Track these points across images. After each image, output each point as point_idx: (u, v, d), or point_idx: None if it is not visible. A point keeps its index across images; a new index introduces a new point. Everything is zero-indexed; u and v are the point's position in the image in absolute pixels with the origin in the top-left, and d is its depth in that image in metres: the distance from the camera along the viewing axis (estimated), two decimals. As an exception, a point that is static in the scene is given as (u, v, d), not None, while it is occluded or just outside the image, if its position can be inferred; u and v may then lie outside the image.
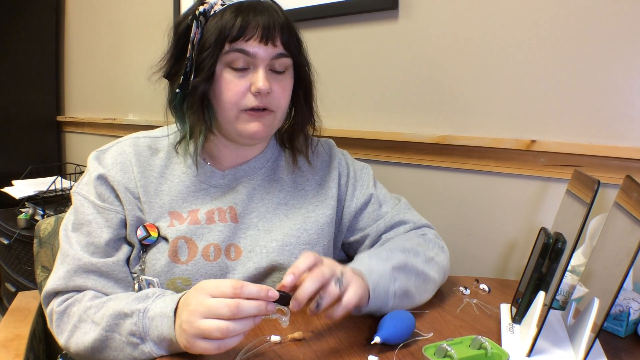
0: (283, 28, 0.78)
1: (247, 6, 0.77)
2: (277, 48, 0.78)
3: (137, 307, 0.68)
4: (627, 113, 0.96)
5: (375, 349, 0.68)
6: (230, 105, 0.78)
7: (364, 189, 0.94)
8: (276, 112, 0.81)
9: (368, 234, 0.93)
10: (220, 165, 0.88)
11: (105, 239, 0.78)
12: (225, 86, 0.78)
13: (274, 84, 0.79)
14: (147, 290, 0.73)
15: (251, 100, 0.78)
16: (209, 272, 0.80)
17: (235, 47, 0.76)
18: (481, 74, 1.14)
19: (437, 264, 0.85)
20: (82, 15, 2.62)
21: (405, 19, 1.26)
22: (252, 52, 0.76)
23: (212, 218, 0.83)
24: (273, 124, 0.83)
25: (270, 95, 0.78)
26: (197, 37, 0.77)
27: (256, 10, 0.76)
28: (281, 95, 0.80)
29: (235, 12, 0.76)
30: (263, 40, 0.76)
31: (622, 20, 0.95)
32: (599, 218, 0.90)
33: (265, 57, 0.77)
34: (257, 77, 0.77)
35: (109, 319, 0.69)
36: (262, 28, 0.75)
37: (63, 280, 0.77)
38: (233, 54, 0.76)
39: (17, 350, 0.87)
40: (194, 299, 0.61)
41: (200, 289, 0.62)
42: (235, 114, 0.79)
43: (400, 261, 0.78)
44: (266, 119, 0.80)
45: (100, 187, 0.81)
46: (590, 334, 0.64)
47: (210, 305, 0.59)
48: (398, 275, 0.76)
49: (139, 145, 0.86)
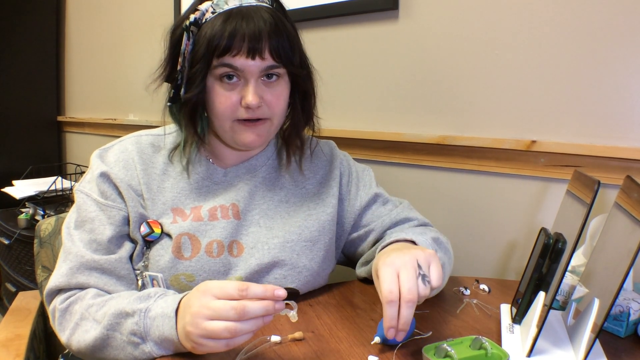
0: (271, 35, 0.75)
1: (236, 14, 0.74)
2: (266, 60, 0.76)
3: (138, 306, 0.68)
4: (627, 113, 0.96)
5: (376, 349, 0.69)
6: (223, 118, 0.79)
7: (367, 189, 0.95)
8: (272, 119, 0.81)
9: (372, 229, 0.93)
10: (222, 163, 0.88)
11: (108, 236, 0.79)
12: (217, 99, 0.78)
13: (267, 93, 0.78)
14: (149, 290, 0.73)
15: (243, 113, 0.78)
16: (212, 269, 0.80)
17: (223, 62, 0.75)
18: (481, 74, 1.14)
19: (449, 251, 0.90)
20: (82, 15, 2.62)
21: (405, 19, 1.26)
22: (240, 67, 0.75)
23: (214, 215, 0.83)
24: (269, 132, 0.82)
25: (262, 106, 0.78)
26: (189, 49, 0.77)
27: (243, 19, 0.74)
28: (275, 104, 0.80)
29: (223, 23, 0.74)
30: (250, 54, 0.74)
31: (622, 20, 0.95)
32: (599, 218, 0.90)
33: (255, 71, 0.76)
34: (247, 91, 0.76)
35: (110, 318, 0.69)
36: (248, 40, 0.73)
37: (66, 278, 0.77)
38: (222, 68, 0.75)
39: (18, 350, 0.87)
40: (197, 301, 0.61)
41: (203, 291, 0.62)
42: (229, 124, 0.80)
43: (434, 234, 0.86)
44: (261, 129, 0.80)
45: (102, 184, 0.81)
46: (591, 334, 0.64)
47: (216, 308, 0.59)
48: (437, 247, 0.82)
49: (141, 143, 0.86)
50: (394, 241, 0.80)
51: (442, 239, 0.88)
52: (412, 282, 0.62)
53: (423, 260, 0.66)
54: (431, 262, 0.67)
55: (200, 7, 0.77)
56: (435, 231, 0.92)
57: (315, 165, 0.94)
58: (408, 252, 0.67)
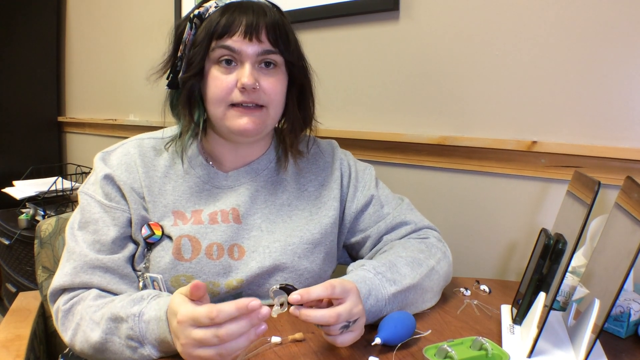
0: (269, 26, 0.78)
1: (235, 5, 0.79)
2: (263, 44, 0.78)
3: (131, 311, 0.68)
4: (627, 114, 0.96)
5: (376, 350, 0.69)
6: (218, 101, 0.79)
7: (365, 190, 0.94)
8: (268, 107, 0.81)
9: (369, 235, 0.93)
10: (222, 166, 0.88)
11: (112, 236, 0.79)
12: (212, 82, 0.79)
13: (263, 79, 0.79)
14: (142, 292, 0.73)
15: (238, 96, 0.78)
16: (212, 271, 0.80)
17: (221, 43, 0.77)
18: (482, 75, 1.14)
19: (438, 273, 0.84)
20: (83, 15, 2.62)
21: (406, 20, 1.26)
22: (237, 48, 0.77)
23: (215, 219, 0.83)
24: (265, 121, 0.82)
25: (258, 90, 0.79)
26: (190, 38, 0.80)
27: (242, 9, 0.78)
28: (271, 90, 0.80)
29: (222, 11, 0.78)
30: (247, 36, 0.77)
31: (622, 21, 0.95)
32: (600, 219, 0.90)
33: (251, 54, 0.78)
34: (242, 73, 0.78)
35: (107, 322, 0.69)
36: (245, 25, 0.77)
37: (69, 277, 0.77)
38: (219, 50, 0.78)
39: (18, 351, 0.87)
40: (181, 332, 0.60)
41: (180, 322, 0.60)
42: (223, 110, 0.80)
43: (403, 286, 0.76)
44: (256, 115, 0.80)
45: (106, 186, 0.82)
46: (591, 334, 0.64)
47: (199, 338, 0.58)
48: (396, 300, 0.75)
49: (143, 146, 0.87)
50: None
51: (415, 282, 0.79)
52: (340, 311, 0.64)
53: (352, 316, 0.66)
54: (356, 329, 0.67)
55: (205, 4, 0.81)
56: (414, 250, 0.85)
57: (317, 166, 0.94)
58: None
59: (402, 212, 0.94)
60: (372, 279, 0.74)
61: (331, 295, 0.65)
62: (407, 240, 0.90)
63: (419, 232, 0.93)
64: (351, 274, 0.75)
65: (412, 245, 0.87)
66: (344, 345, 0.66)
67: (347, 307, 0.65)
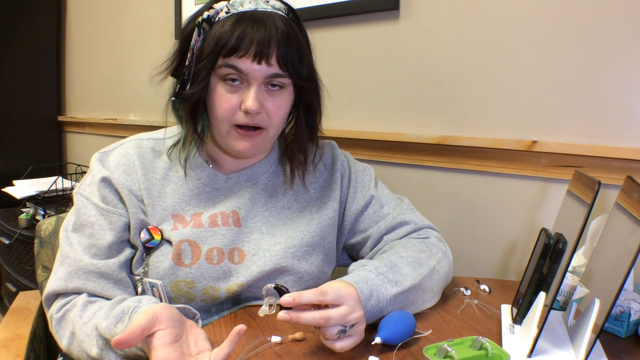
0: (280, 43, 0.74)
1: (248, 17, 0.74)
2: (272, 67, 0.74)
3: (114, 330, 0.67)
4: (627, 114, 0.96)
5: (376, 350, 0.69)
6: (222, 120, 0.77)
7: (364, 191, 0.94)
8: (268, 129, 0.79)
9: (369, 235, 0.92)
10: (222, 169, 0.87)
11: (108, 241, 0.78)
12: (217, 100, 0.76)
13: (268, 101, 0.77)
14: (123, 305, 0.70)
15: (241, 117, 0.76)
16: (212, 276, 0.80)
17: (228, 62, 0.74)
18: (482, 75, 1.14)
19: (438, 273, 0.84)
20: (83, 15, 2.62)
21: (406, 20, 1.26)
22: (245, 70, 0.74)
23: (215, 222, 0.82)
24: (264, 143, 0.81)
25: (261, 114, 0.77)
26: (198, 45, 0.76)
27: (255, 23, 0.73)
28: (274, 114, 0.78)
29: (234, 24, 0.73)
30: (256, 58, 0.73)
31: (623, 21, 0.95)
32: (600, 219, 0.90)
33: (259, 76, 0.75)
34: (247, 96, 0.75)
35: (98, 339, 0.69)
36: (256, 45, 0.72)
37: (63, 282, 0.77)
38: (226, 68, 0.74)
39: (18, 350, 0.87)
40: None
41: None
42: (227, 128, 0.78)
43: (404, 287, 0.76)
44: (256, 139, 0.79)
45: (104, 189, 0.80)
46: (591, 334, 0.64)
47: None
48: (397, 300, 0.75)
49: (142, 147, 0.85)
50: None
51: (416, 284, 0.78)
52: (331, 315, 0.65)
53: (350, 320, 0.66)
54: (355, 334, 0.67)
55: (216, 6, 0.77)
56: (414, 249, 0.85)
57: (317, 169, 0.93)
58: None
59: (402, 212, 0.94)
60: (373, 279, 0.73)
61: (321, 302, 0.64)
62: (408, 240, 0.90)
63: (419, 232, 0.93)
64: (352, 274, 0.74)
65: (412, 245, 0.87)
66: (343, 351, 0.66)
67: (339, 311, 0.64)
